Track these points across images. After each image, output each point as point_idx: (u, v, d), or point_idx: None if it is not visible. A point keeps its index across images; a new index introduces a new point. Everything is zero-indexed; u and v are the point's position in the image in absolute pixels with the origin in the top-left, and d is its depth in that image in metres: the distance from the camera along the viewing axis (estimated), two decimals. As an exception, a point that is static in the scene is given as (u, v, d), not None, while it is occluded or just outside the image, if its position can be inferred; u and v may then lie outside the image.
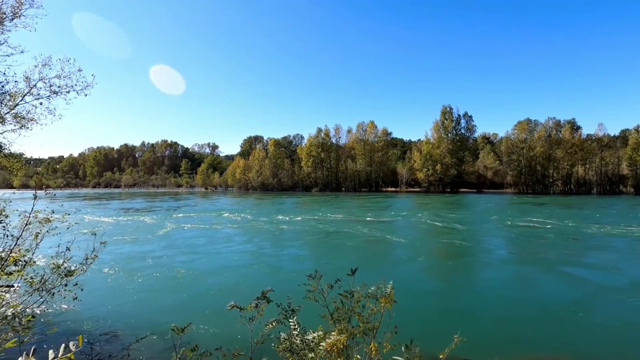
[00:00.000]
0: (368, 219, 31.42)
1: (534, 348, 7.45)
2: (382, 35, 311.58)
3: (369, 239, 21.50)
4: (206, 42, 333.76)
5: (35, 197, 5.02)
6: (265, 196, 78.05)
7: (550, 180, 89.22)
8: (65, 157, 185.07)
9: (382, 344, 3.06)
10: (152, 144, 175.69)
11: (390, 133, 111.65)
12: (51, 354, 1.65)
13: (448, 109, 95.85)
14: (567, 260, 15.88)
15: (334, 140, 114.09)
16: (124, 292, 10.74)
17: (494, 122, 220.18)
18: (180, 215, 35.63)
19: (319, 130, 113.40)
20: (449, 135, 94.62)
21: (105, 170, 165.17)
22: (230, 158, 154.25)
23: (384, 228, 25.71)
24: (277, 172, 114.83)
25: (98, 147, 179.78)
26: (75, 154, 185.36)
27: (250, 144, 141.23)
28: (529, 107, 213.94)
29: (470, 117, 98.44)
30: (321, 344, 2.71)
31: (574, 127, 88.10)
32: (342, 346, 2.73)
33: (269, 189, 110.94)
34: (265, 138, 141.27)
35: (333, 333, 2.82)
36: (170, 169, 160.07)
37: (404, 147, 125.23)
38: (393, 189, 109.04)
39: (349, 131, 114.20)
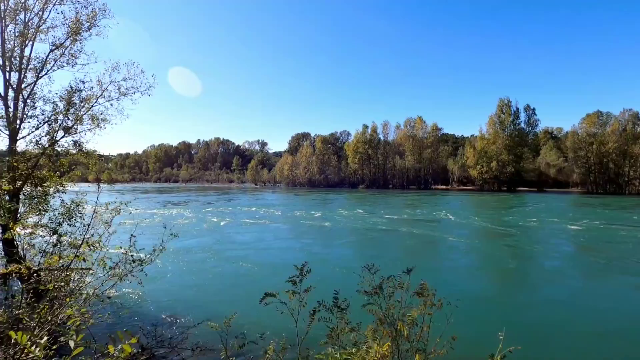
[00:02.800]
0: (417, 217, 30.52)
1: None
2: (431, 29, 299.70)
3: (419, 238, 20.88)
4: (253, 43, 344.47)
5: (98, 188, 5.51)
6: (312, 192, 79.01)
7: (626, 179, 79.92)
8: (131, 154, 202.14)
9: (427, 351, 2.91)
10: (207, 142, 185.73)
11: (441, 129, 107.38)
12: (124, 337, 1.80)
13: (506, 101, 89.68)
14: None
15: (381, 137, 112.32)
16: (181, 281, 11.51)
17: (559, 115, 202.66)
18: (232, 209, 37.31)
19: (366, 126, 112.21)
20: (506, 130, 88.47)
21: (165, 166, 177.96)
22: (278, 155, 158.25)
23: (435, 228, 24.81)
24: (324, 168, 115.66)
25: (159, 145, 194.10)
26: (140, 152, 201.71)
27: (298, 141, 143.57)
28: (599, 99, 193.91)
29: (533, 110, 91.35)
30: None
31: (656, 119, 78.06)
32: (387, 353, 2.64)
33: (315, 185, 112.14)
34: (312, 135, 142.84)
35: (375, 346, 2.73)
36: (222, 165, 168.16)
37: (456, 143, 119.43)
38: (443, 186, 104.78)
39: (397, 127, 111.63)
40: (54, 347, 2.89)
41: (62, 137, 10.57)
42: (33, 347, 1.82)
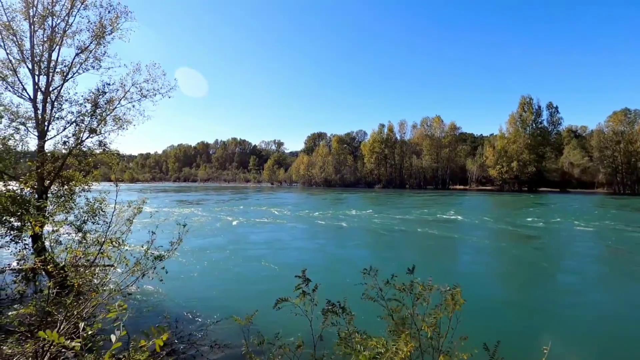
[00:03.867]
0: (434, 218, 30.06)
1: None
2: (449, 28, 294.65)
3: (437, 240, 20.58)
4: (269, 45, 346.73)
5: (117, 187, 5.68)
6: (328, 192, 79.02)
7: (656, 179, 76.44)
8: (151, 154, 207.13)
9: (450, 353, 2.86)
10: (224, 142, 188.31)
11: (459, 128, 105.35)
12: (152, 332, 1.85)
13: (527, 99, 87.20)
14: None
15: (398, 136, 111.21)
16: (199, 279, 11.72)
17: (583, 113, 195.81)
18: (248, 208, 37.72)
19: (382, 126, 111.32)
20: (528, 128, 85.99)
21: (184, 166, 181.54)
22: (294, 154, 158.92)
23: (453, 229, 24.39)
24: (340, 168, 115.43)
25: (178, 145, 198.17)
26: (160, 152, 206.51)
27: (314, 141, 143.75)
28: (626, 96, 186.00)
29: (556, 108, 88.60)
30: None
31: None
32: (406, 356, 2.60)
33: (331, 185, 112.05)
34: (328, 135, 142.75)
35: (395, 345, 2.69)
36: (239, 164, 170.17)
37: (475, 143, 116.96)
38: (462, 186, 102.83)
39: (414, 126, 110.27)
40: (84, 342, 2.99)
41: (87, 138, 10.93)
42: (68, 341, 1.88)
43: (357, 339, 2.81)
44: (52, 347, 2.83)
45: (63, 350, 4.28)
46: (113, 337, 1.86)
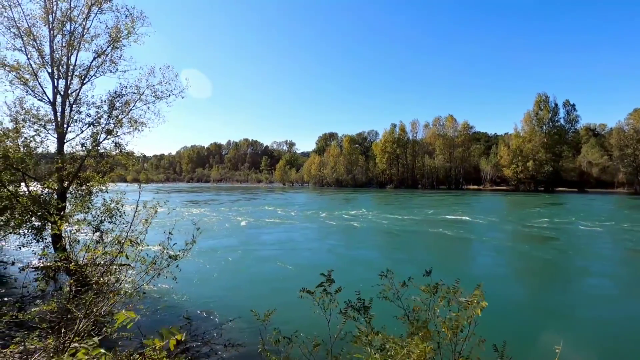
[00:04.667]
0: (448, 218, 29.70)
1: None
2: (461, 27, 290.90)
3: (451, 241, 20.34)
4: (280, 46, 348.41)
5: (140, 188, 5.80)
6: (340, 192, 78.91)
7: (680, 179, 73.79)
8: (165, 155, 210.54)
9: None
10: (236, 142, 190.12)
11: (472, 127, 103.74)
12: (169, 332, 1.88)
13: (543, 97, 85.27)
14: None
15: (410, 136, 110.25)
16: (213, 279, 11.85)
17: (601, 112, 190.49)
18: (260, 209, 37.97)
19: (394, 125, 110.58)
20: (544, 127, 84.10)
21: (197, 167, 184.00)
22: (306, 155, 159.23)
23: (467, 229, 24.05)
24: (352, 168, 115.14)
25: (192, 146, 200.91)
26: (174, 153, 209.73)
27: (325, 141, 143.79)
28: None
29: (573, 105, 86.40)
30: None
31: None
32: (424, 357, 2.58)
33: (343, 185, 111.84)
34: (339, 135, 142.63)
35: (413, 343, 2.67)
36: (251, 165, 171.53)
37: (489, 142, 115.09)
38: (475, 186, 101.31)
39: (426, 126, 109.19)
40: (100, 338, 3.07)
41: (104, 140, 11.18)
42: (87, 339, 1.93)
43: (374, 338, 2.80)
44: (72, 343, 2.91)
45: (82, 346, 4.39)
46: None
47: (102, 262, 4.39)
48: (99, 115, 11.09)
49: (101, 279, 3.86)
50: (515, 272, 14.19)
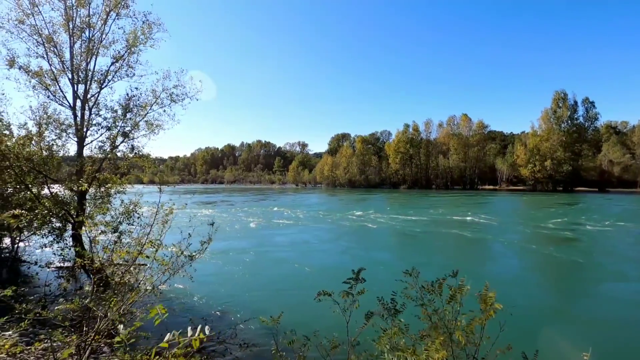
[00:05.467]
0: (463, 219, 29.25)
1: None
2: (474, 26, 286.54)
3: (467, 242, 20.02)
4: (292, 48, 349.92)
5: (160, 190, 5.94)
6: (352, 193, 78.67)
7: None
8: (180, 157, 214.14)
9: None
10: (249, 144, 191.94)
11: (487, 126, 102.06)
12: (189, 331, 1.90)
13: (562, 94, 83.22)
14: None
15: (423, 136, 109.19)
16: (229, 279, 11.96)
17: (623, 109, 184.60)
18: (273, 210, 38.18)
19: (407, 125, 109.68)
20: (563, 125, 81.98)
21: (211, 168, 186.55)
22: (318, 156, 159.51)
23: (485, 230, 23.64)
24: (364, 169, 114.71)
25: (206, 148, 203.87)
26: (188, 155, 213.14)
27: (338, 142, 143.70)
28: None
29: (592, 103, 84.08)
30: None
31: None
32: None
33: (356, 186, 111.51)
34: (352, 135, 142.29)
35: (434, 347, 2.62)
36: (264, 166, 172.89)
37: (504, 141, 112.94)
38: (491, 187, 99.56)
39: (440, 125, 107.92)
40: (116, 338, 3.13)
41: (121, 143, 11.43)
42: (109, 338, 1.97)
43: (399, 340, 2.76)
44: (93, 342, 2.98)
45: (102, 345, 4.49)
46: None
47: (122, 263, 4.49)
48: (116, 118, 11.36)
49: (122, 279, 3.94)
50: (539, 274, 13.84)
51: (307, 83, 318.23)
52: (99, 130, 11.41)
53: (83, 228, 7.91)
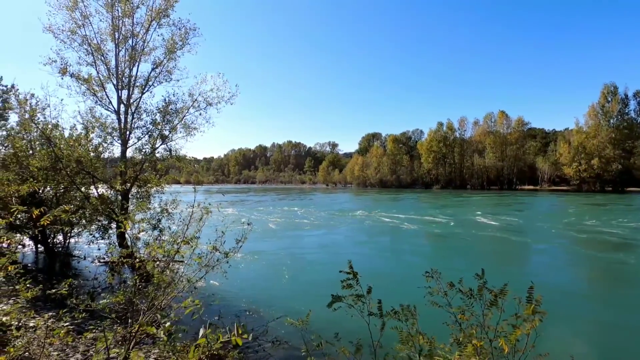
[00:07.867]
0: (502, 220, 28.04)
1: None
2: (516, 28, 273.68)
3: (507, 246, 19.20)
4: (322, 45, 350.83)
5: (195, 190, 6.18)
6: (383, 193, 77.68)
7: None
8: (214, 158, 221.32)
9: None
10: (280, 145, 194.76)
11: (527, 123, 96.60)
12: (224, 328, 1.98)
13: (611, 88, 77.36)
14: None
15: (457, 134, 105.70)
16: (261, 278, 12.23)
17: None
18: (302, 210, 38.52)
19: (440, 124, 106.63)
20: (612, 121, 76.29)
21: (243, 169, 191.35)
22: (348, 156, 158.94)
23: (526, 233, 22.55)
24: (396, 168, 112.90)
25: (239, 149, 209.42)
26: (222, 156, 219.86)
27: (368, 141, 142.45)
28: None
29: (646, 96, 77.60)
30: None
31: None
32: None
33: (387, 186, 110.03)
34: (383, 135, 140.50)
35: (465, 354, 2.55)
36: (295, 166, 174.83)
37: (546, 139, 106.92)
38: (531, 187, 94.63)
39: (476, 123, 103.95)
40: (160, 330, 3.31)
41: (161, 145, 12.02)
42: (154, 329, 2.09)
43: (422, 341, 2.73)
44: (138, 333, 3.17)
45: (145, 336, 4.76)
46: (199, 331, 2.02)
47: (161, 259, 4.73)
48: (156, 122, 11.96)
49: (162, 275, 4.16)
50: (587, 283, 13.02)
51: (339, 83, 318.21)
52: (140, 133, 12.07)
53: (128, 226, 8.40)
